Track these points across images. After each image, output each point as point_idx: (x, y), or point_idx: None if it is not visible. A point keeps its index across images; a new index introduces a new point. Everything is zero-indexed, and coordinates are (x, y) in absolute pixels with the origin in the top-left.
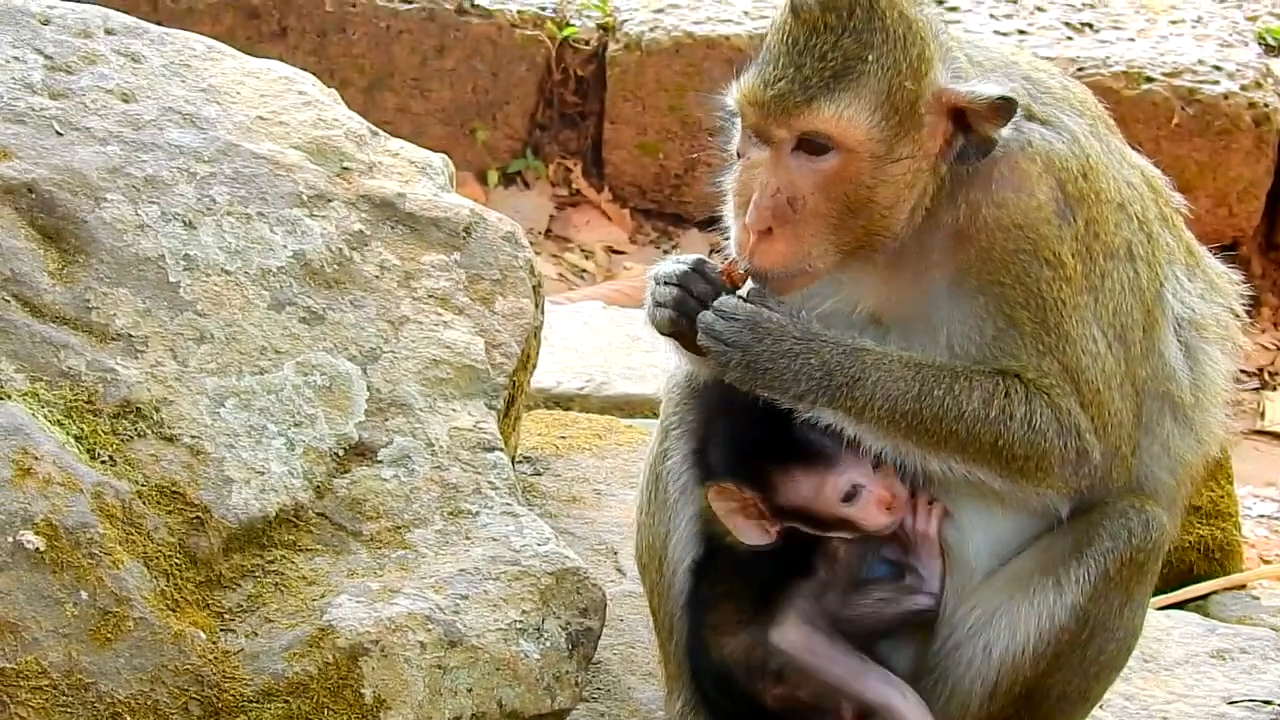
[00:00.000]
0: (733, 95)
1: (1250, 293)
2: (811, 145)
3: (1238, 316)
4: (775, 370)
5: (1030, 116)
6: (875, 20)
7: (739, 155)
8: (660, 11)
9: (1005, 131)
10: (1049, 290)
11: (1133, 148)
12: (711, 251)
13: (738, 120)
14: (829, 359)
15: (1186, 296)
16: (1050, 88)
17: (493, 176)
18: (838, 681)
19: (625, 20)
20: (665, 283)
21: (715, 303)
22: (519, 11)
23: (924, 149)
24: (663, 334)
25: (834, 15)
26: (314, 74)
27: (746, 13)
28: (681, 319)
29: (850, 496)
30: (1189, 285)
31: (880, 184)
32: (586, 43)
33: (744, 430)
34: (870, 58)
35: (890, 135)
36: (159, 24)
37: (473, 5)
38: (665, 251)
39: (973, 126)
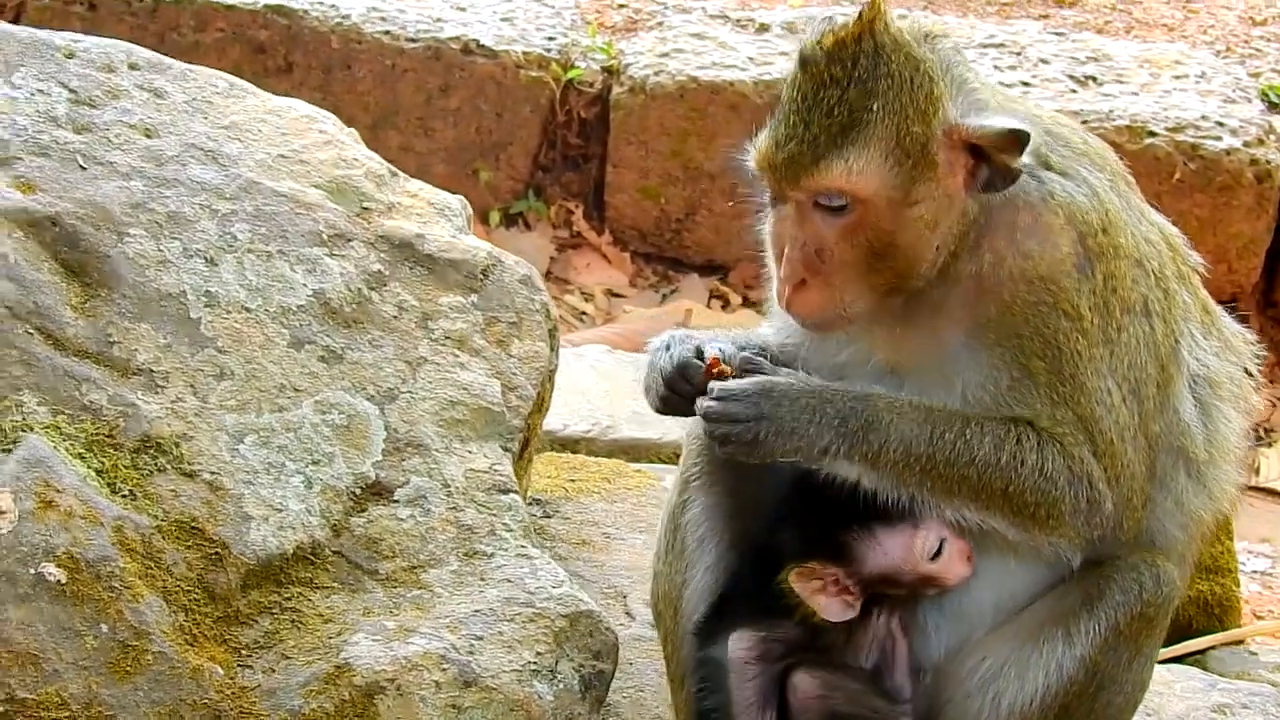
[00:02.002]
0: (751, 157)
1: (1259, 351)
2: (830, 205)
3: (1251, 376)
4: (800, 428)
5: (1049, 167)
6: (881, 67)
7: (772, 204)
8: (665, 56)
9: (1029, 183)
10: (1065, 341)
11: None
12: (711, 298)
13: (763, 185)
14: (842, 406)
15: (1202, 354)
16: (1070, 142)
17: (494, 217)
18: (735, 708)
19: (630, 64)
20: (657, 377)
21: (717, 390)
22: (524, 53)
23: (943, 186)
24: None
25: (839, 66)
26: (327, 111)
27: (751, 59)
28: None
29: (937, 553)
30: (1204, 343)
31: (902, 228)
32: (591, 85)
33: (819, 509)
34: (875, 106)
35: (905, 180)
36: (169, 58)
37: (478, 45)
38: (664, 296)
39: (992, 159)
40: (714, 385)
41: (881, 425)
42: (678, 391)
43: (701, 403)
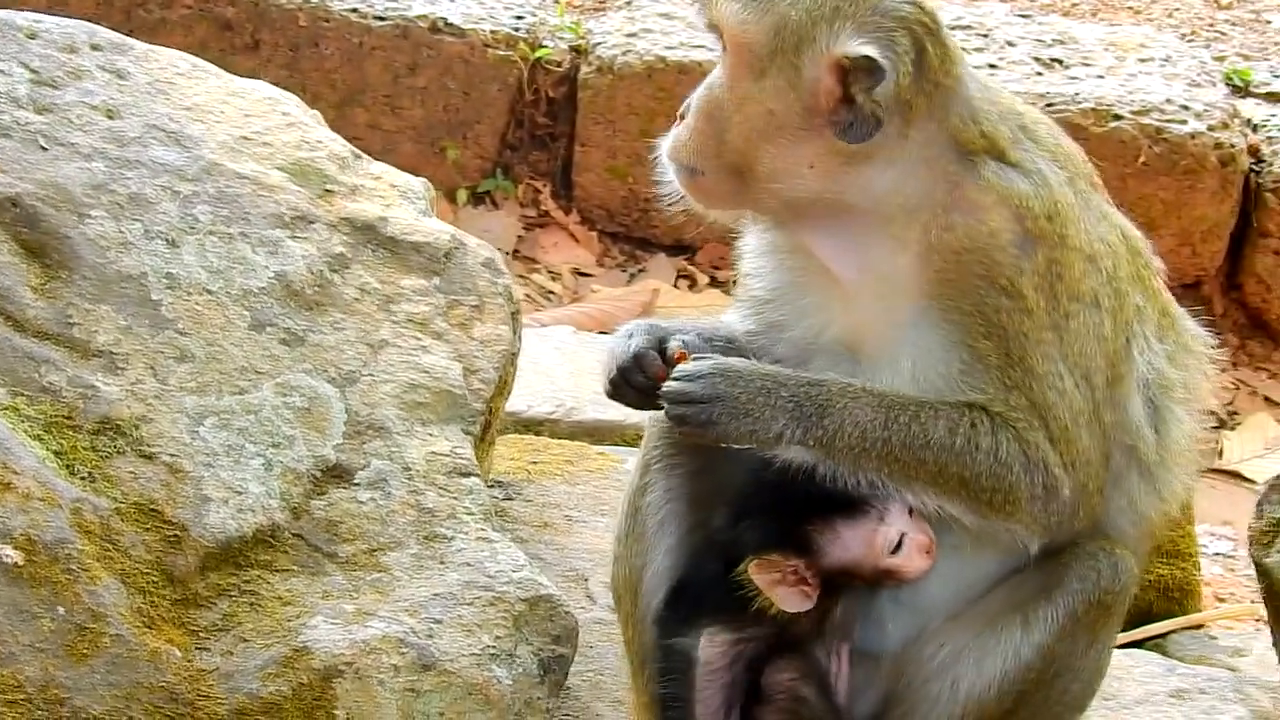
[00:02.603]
0: None
1: (1212, 332)
2: (716, 36)
3: (1209, 379)
4: (754, 410)
5: (1001, 158)
6: None
7: None
8: (633, 35)
9: (964, 169)
10: (1010, 322)
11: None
12: (678, 278)
13: None
14: (796, 390)
15: (1154, 358)
16: (1039, 139)
17: (462, 196)
18: (692, 711)
19: (598, 43)
20: (612, 363)
21: (676, 371)
22: (492, 32)
23: (799, 94)
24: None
25: None
26: (285, 89)
27: None
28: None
29: (898, 547)
30: (1157, 347)
31: (744, 104)
32: (559, 64)
33: (781, 500)
34: None
35: (769, 51)
36: (131, 34)
37: (446, 24)
38: (632, 276)
39: (852, 94)
40: (679, 369)
41: (835, 409)
42: (630, 382)
43: (667, 387)
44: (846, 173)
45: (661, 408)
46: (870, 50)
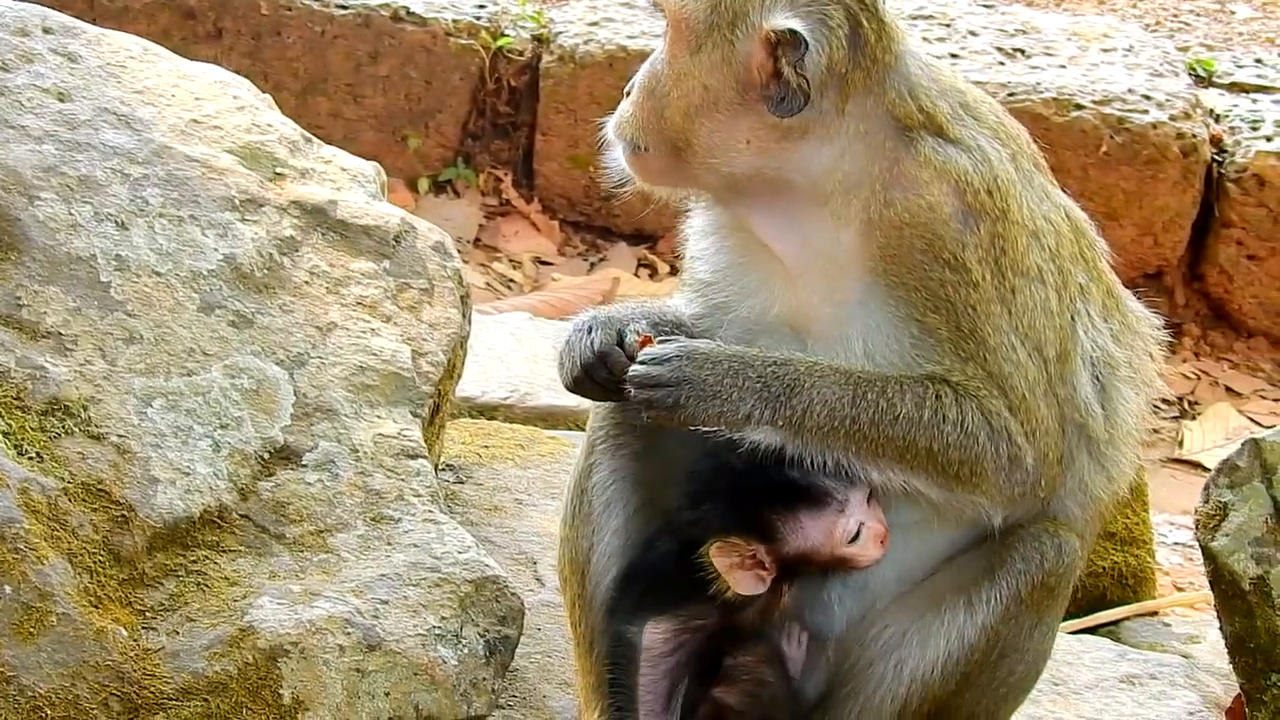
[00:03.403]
0: None
1: (1173, 322)
2: (658, 13)
3: (1155, 360)
4: (724, 392)
5: (940, 134)
6: None
7: None
8: (595, 25)
9: (901, 145)
10: (956, 295)
11: (1055, 172)
12: (639, 266)
13: None
14: (764, 371)
15: (1099, 336)
16: (981, 116)
17: (423, 184)
18: (635, 696)
19: (560, 32)
20: (573, 359)
21: (641, 355)
22: (454, 21)
23: (732, 69)
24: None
25: None
26: (248, 77)
27: None
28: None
29: (855, 537)
30: (1101, 325)
31: (681, 80)
32: (520, 53)
33: (743, 484)
34: None
35: (702, 31)
36: (94, 22)
37: (408, 13)
38: (592, 265)
39: (780, 68)
40: (644, 353)
41: (804, 389)
42: (594, 378)
43: (633, 370)
44: (783, 148)
45: (626, 399)
46: (796, 24)
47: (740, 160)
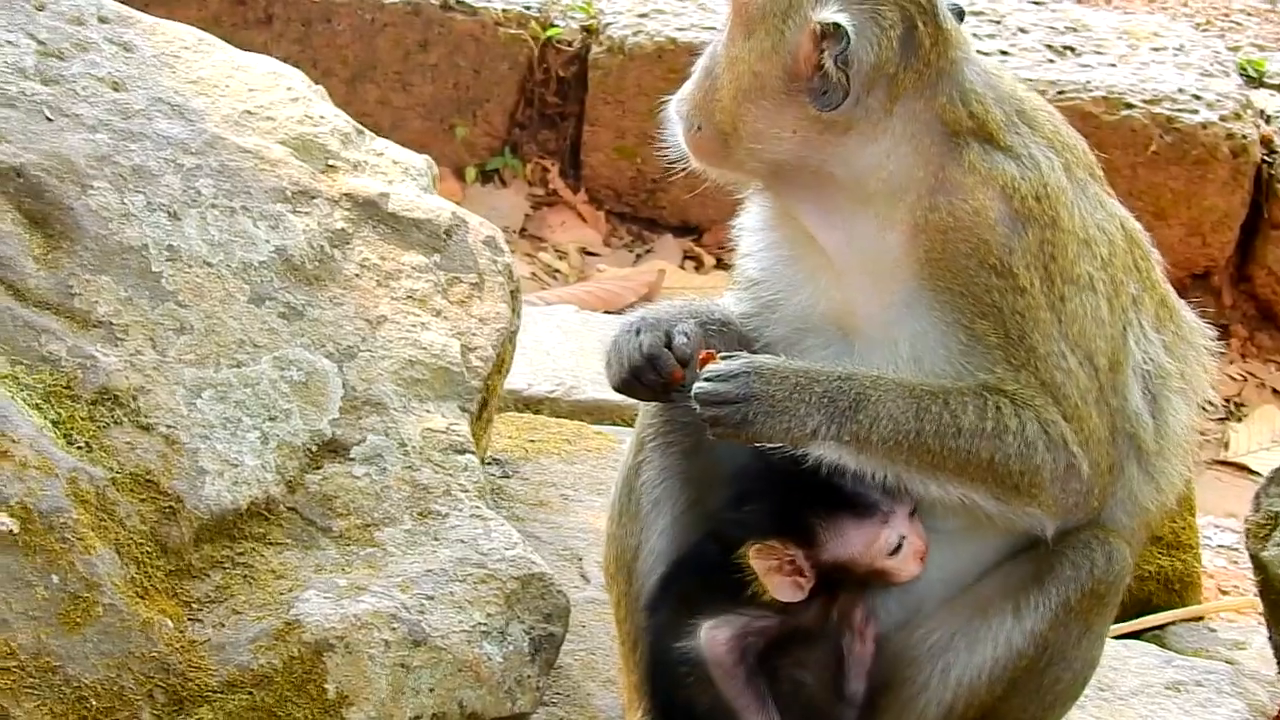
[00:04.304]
0: None
1: (1220, 323)
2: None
3: (1207, 371)
4: (790, 408)
5: (989, 141)
6: None
7: None
8: (644, 16)
9: (948, 151)
10: (1004, 301)
11: (1108, 176)
12: (685, 259)
13: None
14: (829, 386)
15: (1150, 347)
16: (1037, 124)
17: (470, 173)
18: (733, 704)
19: (609, 23)
20: (621, 361)
21: (706, 372)
22: (503, 10)
23: (779, 57)
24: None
25: None
26: (297, 64)
27: None
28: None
29: (896, 549)
30: (1154, 336)
31: (734, 64)
32: (569, 44)
33: (788, 488)
34: None
35: (757, 17)
36: (145, 8)
37: (458, 2)
38: (638, 256)
39: (822, 62)
40: (709, 369)
41: (869, 403)
42: (643, 380)
43: (698, 387)
44: (826, 141)
45: (672, 401)
46: (842, 19)
47: (784, 149)
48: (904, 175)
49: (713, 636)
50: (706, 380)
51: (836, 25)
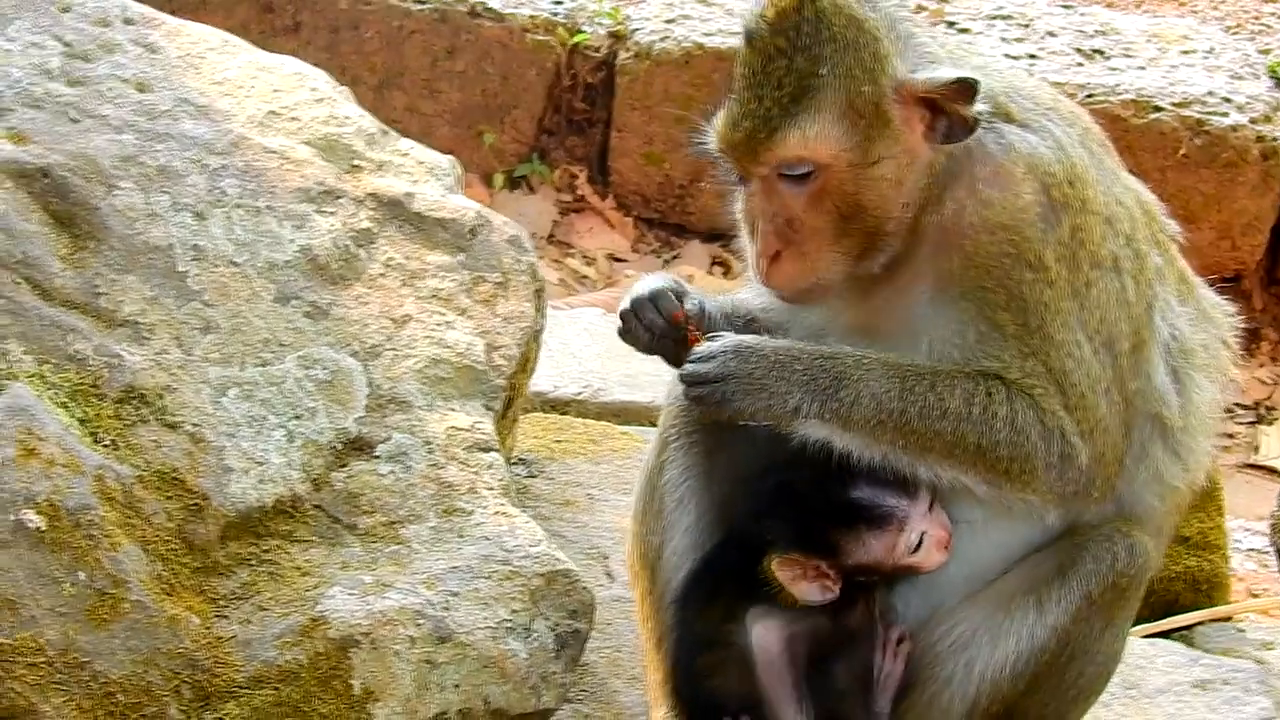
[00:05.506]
0: (710, 139)
1: (1250, 326)
2: (792, 174)
3: (1229, 347)
4: (770, 386)
5: (1010, 119)
6: (823, 31)
7: (740, 183)
8: (671, 22)
9: (986, 135)
10: (1030, 293)
11: (1134, 174)
12: (713, 264)
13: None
14: (810, 365)
15: (1176, 320)
16: (1038, 98)
17: (498, 180)
18: (770, 698)
19: (636, 29)
20: (627, 298)
21: (691, 354)
22: (531, 16)
23: (902, 143)
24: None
25: (783, 37)
26: (325, 70)
27: None
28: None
29: (918, 547)
30: (1179, 309)
31: (866, 188)
32: (597, 50)
33: (805, 500)
34: (823, 71)
35: (863, 140)
36: (174, 15)
37: (485, 8)
38: (666, 261)
39: (947, 110)
40: (694, 352)
41: (851, 381)
42: (642, 318)
43: (684, 368)
44: (926, 170)
45: (667, 354)
46: (947, 74)
47: (906, 202)
48: (944, 176)
49: (765, 627)
50: (690, 362)
51: (962, 79)
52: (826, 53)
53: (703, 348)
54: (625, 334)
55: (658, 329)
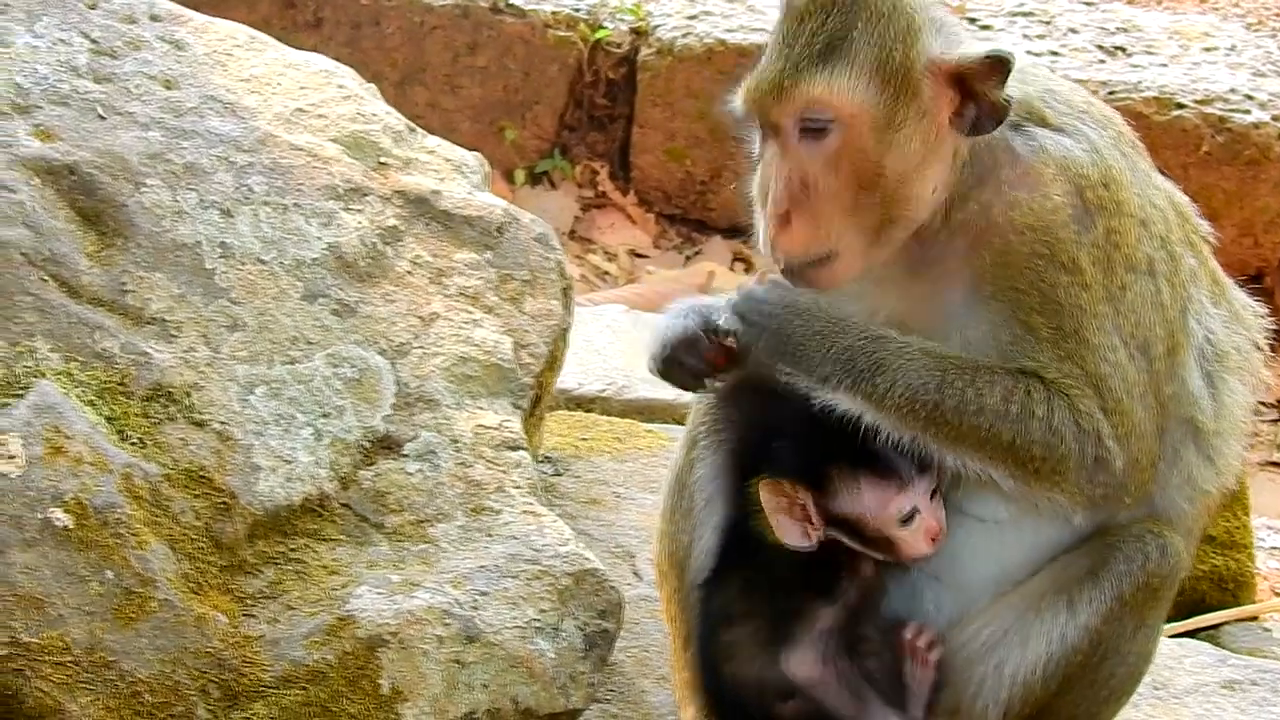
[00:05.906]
0: (739, 97)
1: (1273, 326)
2: (814, 126)
3: (1260, 349)
4: (805, 349)
5: (1044, 123)
6: (859, 1)
7: (758, 158)
8: (693, 18)
9: (1016, 137)
10: (1065, 296)
11: (1161, 173)
12: (734, 260)
13: (751, 121)
14: (854, 343)
15: (1211, 322)
16: (1070, 100)
17: (520, 176)
18: (839, 712)
19: (658, 25)
20: (662, 344)
21: (743, 288)
22: (553, 12)
23: (930, 118)
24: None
25: (817, 2)
26: (347, 66)
27: None
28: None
29: (907, 519)
30: (1213, 311)
31: (887, 152)
32: (618, 46)
33: (818, 432)
34: (855, 34)
35: (888, 102)
36: (198, 11)
37: (507, 4)
38: (688, 258)
39: (977, 92)
40: (751, 287)
41: (889, 369)
42: (681, 363)
43: (736, 298)
44: (953, 160)
45: (707, 390)
46: (979, 49)
47: (930, 187)
48: (970, 176)
49: (798, 660)
50: (741, 297)
51: (996, 54)
52: (861, 18)
53: (757, 290)
54: (667, 378)
55: (700, 372)
